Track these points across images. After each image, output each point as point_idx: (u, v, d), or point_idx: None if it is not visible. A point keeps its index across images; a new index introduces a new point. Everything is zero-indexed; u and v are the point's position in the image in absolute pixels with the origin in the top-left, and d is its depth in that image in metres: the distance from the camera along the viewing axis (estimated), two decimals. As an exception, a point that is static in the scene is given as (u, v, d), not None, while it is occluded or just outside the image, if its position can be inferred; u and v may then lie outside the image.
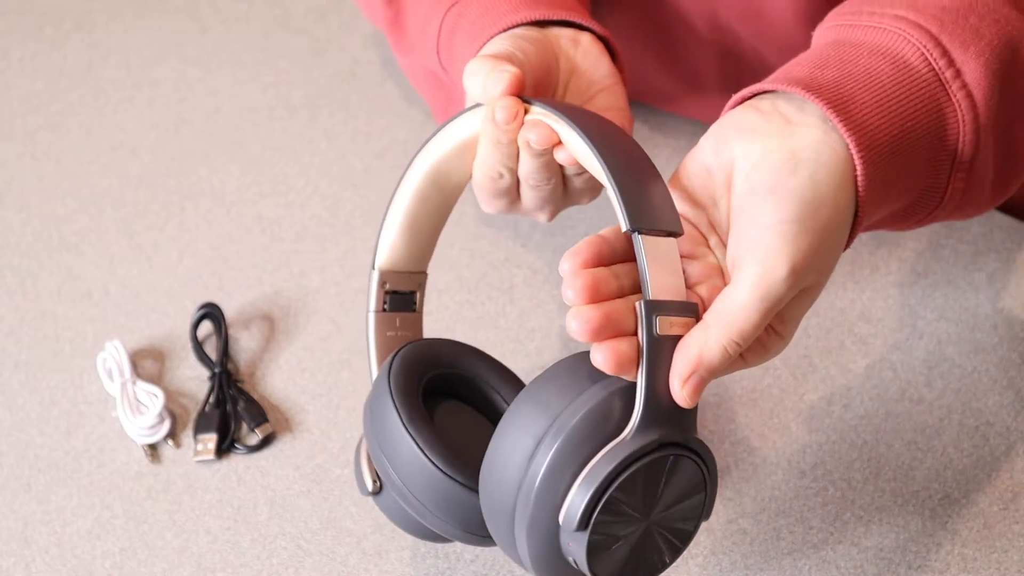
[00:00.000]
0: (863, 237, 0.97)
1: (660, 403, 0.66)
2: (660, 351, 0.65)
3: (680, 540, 0.70)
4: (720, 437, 0.88)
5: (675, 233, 0.67)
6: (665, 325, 0.65)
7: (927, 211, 0.74)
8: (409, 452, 0.73)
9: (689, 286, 0.69)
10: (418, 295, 0.81)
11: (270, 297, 0.99)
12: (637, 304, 0.65)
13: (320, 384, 0.94)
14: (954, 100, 0.70)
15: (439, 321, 0.96)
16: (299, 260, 1.01)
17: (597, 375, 0.67)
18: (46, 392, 0.95)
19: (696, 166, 0.71)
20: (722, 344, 0.66)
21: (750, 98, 0.72)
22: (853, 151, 0.68)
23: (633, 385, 0.66)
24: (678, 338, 0.66)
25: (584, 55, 0.79)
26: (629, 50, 1.02)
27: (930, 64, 0.70)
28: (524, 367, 0.93)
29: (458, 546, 0.84)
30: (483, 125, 0.72)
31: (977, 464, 0.86)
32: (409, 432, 0.73)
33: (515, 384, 0.80)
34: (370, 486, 0.77)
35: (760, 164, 0.68)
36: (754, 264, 0.66)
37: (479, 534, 0.74)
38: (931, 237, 0.98)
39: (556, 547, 0.68)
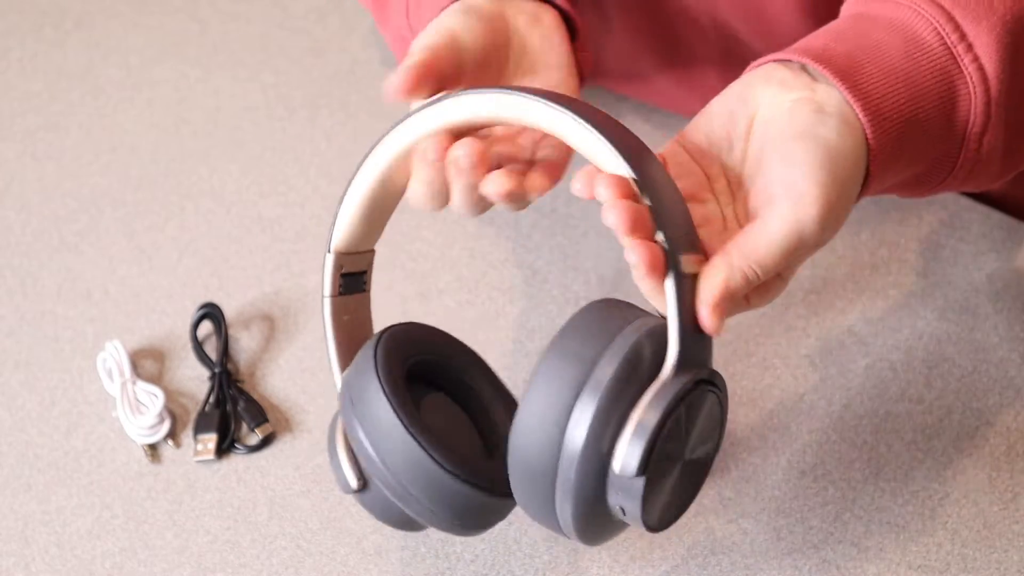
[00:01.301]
0: (863, 237, 0.97)
1: (690, 340, 0.67)
2: (686, 289, 0.67)
3: (702, 473, 0.71)
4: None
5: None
6: (689, 264, 0.67)
7: (937, 180, 0.75)
8: (405, 445, 0.72)
9: None
10: (367, 274, 0.79)
11: (270, 297, 0.99)
12: (662, 241, 0.66)
13: (320, 384, 0.94)
14: (966, 73, 0.71)
15: (439, 321, 0.96)
16: (299, 260, 1.01)
17: (619, 321, 0.68)
18: (46, 392, 0.95)
19: (720, 107, 0.73)
20: (744, 272, 0.68)
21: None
22: (862, 118, 0.70)
23: (657, 325, 0.68)
24: (696, 277, 0.67)
25: (541, 36, 0.79)
26: (630, 49, 1.02)
27: (942, 38, 0.72)
28: (524, 367, 0.93)
29: (458, 546, 0.84)
30: (413, 162, 0.73)
31: (977, 464, 0.86)
32: (404, 424, 0.72)
33: (493, 382, 0.80)
34: (354, 483, 0.75)
35: (792, 110, 0.70)
36: (787, 202, 0.68)
37: (474, 526, 0.75)
38: (931, 237, 0.98)
39: (601, 500, 0.68)
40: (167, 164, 1.09)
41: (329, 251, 0.77)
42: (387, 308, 0.98)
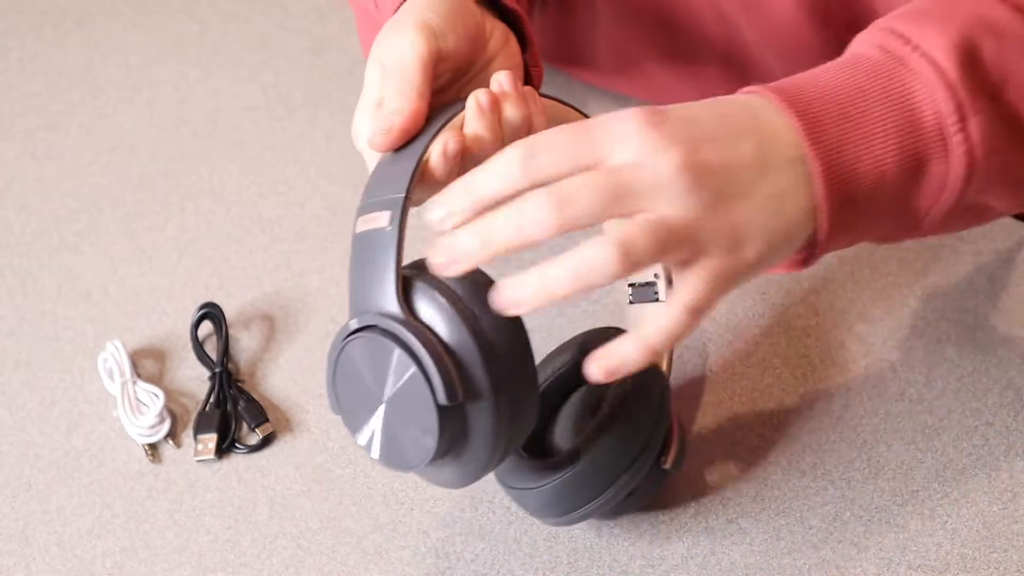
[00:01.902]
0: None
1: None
2: None
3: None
4: (720, 437, 0.88)
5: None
6: None
7: (939, 177, 0.70)
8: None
9: None
10: None
11: (270, 297, 0.99)
12: None
13: (320, 384, 0.94)
14: (915, 68, 0.69)
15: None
16: (299, 260, 1.01)
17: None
18: (46, 392, 0.95)
19: None
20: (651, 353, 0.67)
21: None
22: (777, 102, 0.68)
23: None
24: None
25: (505, 58, 0.80)
26: (629, 41, 1.02)
27: (886, 49, 0.70)
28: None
29: (458, 546, 0.84)
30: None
31: (977, 464, 0.86)
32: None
33: None
34: (460, 393, 0.69)
35: None
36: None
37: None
38: (931, 237, 0.98)
39: None
40: (167, 164, 1.09)
41: None
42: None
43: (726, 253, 0.66)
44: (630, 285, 0.87)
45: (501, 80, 0.74)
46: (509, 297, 0.67)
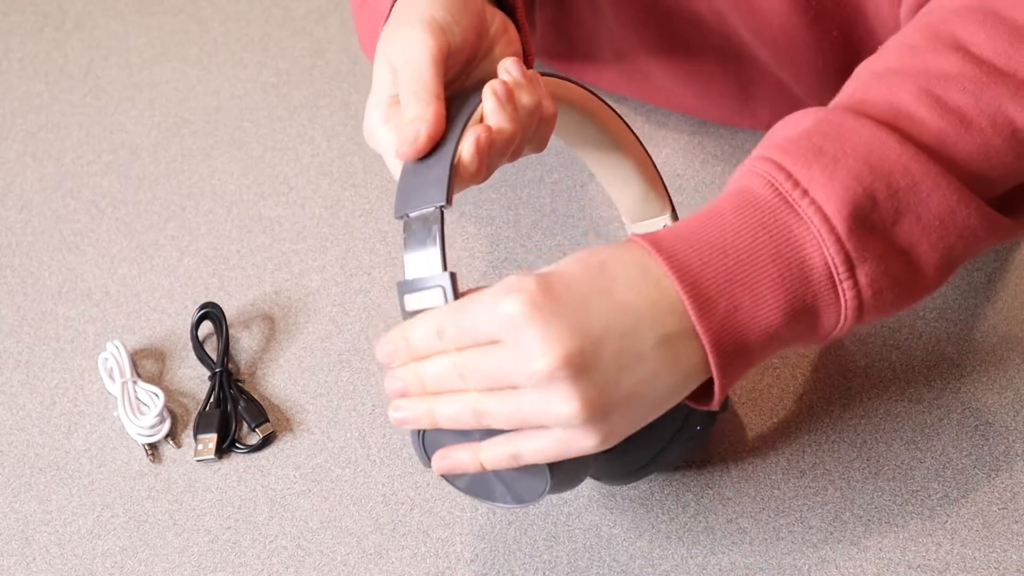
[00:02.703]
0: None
1: None
2: None
3: None
4: (720, 437, 0.88)
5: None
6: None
7: (828, 328, 0.71)
8: None
9: None
10: None
11: (270, 297, 0.99)
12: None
13: (320, 384, 0.94)
14: (804, 216, 0.69)
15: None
16: (299, 260, 1.01)
17: None
18: (47, 392, 0.95)
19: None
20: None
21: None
22: (665, 269, 0.69)
23: None
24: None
25: (505, 45, 0.80)
26: (633, 47, 1.02)
27: (776, 190, 0.69)
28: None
29: (458, 546, 0.84)
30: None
31: (976, 464, 0.86)
32: None
33: None
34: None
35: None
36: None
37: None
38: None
39: None
40: (167, 164, 1.09)
41: None
42: (388, 307, 0.98)
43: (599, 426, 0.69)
44: None
45: (509, 68, 0.75)
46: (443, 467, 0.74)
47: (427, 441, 0.75)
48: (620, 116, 0.83)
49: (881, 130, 0.70)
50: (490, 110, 0.74)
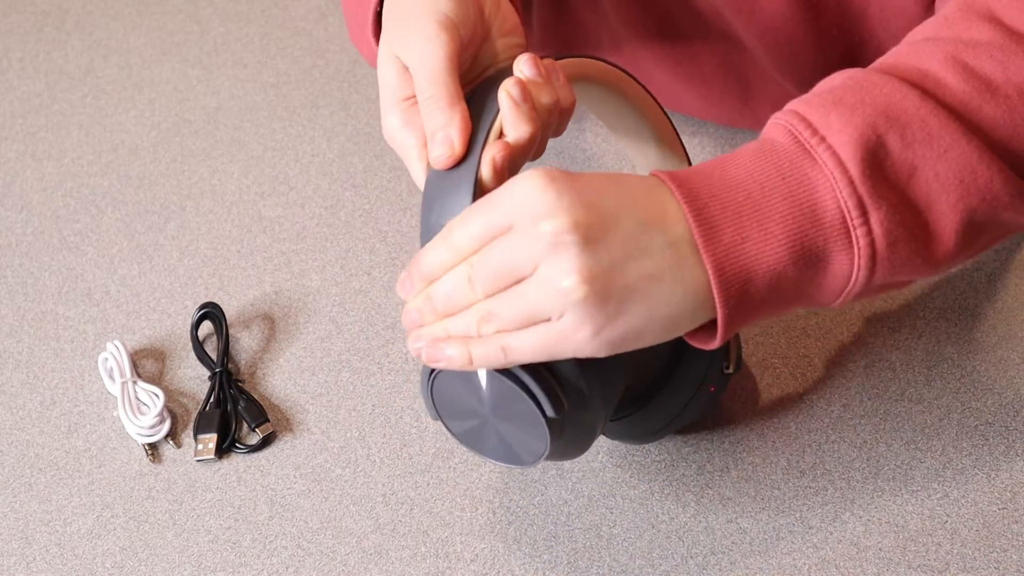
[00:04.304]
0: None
1: None
2: None
3: None
4: (720, 437, 0.88)
5: None
6: None
7: (843, 278, 0.71)
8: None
9: None
10: None
11: (270, 297, 0.99)
12: None
13: (320, 384, 0.94)
14: (819, 160, 0.69)
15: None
16: (299, 260, 1.01)
17: None
18: (47, 392, 0.95)
19: None
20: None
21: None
22: (676, 194, 0.69)
23: None
24: None
25: (501, 22, 0.79)
26: (636, 48, 1.02)
27: (795, 137, 0.70)
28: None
29: (458, 546, 0.84)
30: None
31: (976, 464, 0.86)
32: None
33: None
34: (565, 405, 0.74)
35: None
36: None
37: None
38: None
39: None
40: (167, 164, 1.09)
41: None
42: (388, 307, 0.98)
43: (601, 325, 0.69)
44: None
45: (523, 67, 0.74)
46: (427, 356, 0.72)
47: (435, 391, 0.75)
48: (638, 81, 0.82)
49: (903, 85, 0.70)
50: (508, 116, 0.73)
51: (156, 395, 0.92)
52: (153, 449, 0.91)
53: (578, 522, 0.85)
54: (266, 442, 0.91)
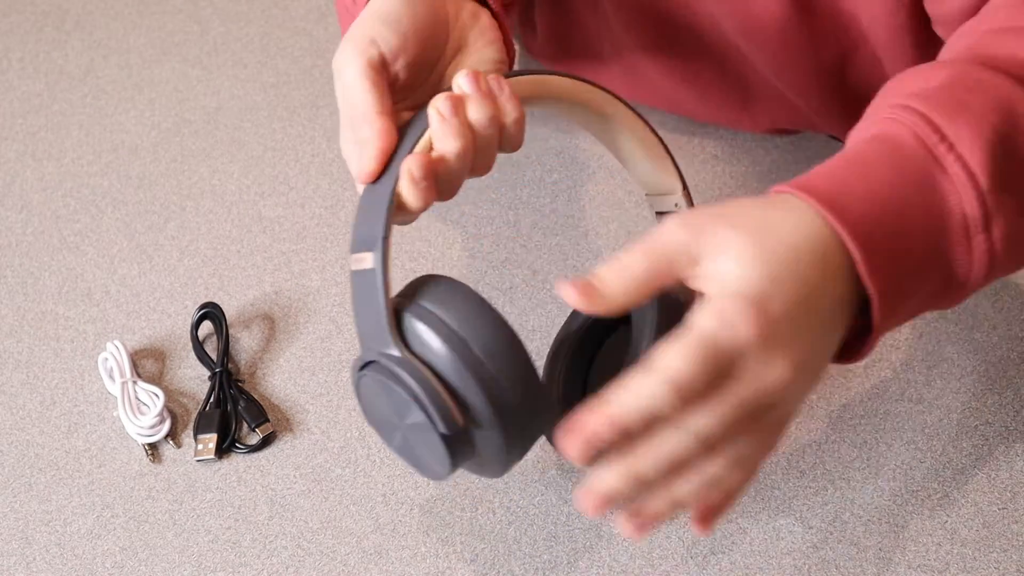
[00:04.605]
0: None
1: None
2: None
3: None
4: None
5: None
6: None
7: (961, 279, 0.71)
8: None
9: None
10: None
11: (270, 297, 0.99)
12: None
13: (320, 384, 0.94)
14: (950, 171, 0.69)
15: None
16: (299, 260, 1.01)
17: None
18: (47, 392, 0.95)
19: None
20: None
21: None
22: (845, 237, 0.67)
23: None
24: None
25: (479, 34, 0.79)
26: (636, 51, 1.02)
27: (922, 141, 0.69)
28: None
29: (458, 546, 0.84)
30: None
31: (976, 464, 0.86)
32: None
33: None
34: (460, 420, 0.71)
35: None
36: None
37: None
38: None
39: None
40: (167, 164, 1.09)
41: None
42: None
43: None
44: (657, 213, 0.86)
45: (460, 83, 0.74)
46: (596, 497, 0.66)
47: (362, 397, 0.74)
48: (618, 97, 0.81)
49: (1018, 88, 0.70)
50: (435, 130, 0.73)
51: (156, 395, 0.92)
52: (153, 449, 0.91)
53: (578, 522, 0.85)
54: (266, 442, 0.91)
